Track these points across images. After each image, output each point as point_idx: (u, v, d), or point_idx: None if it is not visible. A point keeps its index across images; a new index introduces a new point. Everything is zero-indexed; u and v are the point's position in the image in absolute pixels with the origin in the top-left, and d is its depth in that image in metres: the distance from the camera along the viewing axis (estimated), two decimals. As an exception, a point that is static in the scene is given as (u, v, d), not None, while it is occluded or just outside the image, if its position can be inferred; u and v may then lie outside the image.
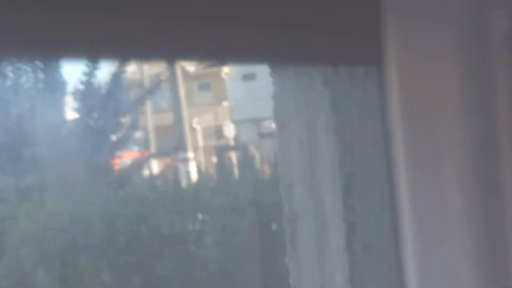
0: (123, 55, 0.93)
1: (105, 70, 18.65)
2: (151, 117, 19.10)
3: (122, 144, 10.25)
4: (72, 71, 21.64)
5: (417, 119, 0.84)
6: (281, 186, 1.32)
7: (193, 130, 19.95)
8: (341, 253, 1.25)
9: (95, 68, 9.69)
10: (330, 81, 1.21)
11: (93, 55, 0.88)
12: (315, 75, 1.22)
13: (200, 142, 21.64)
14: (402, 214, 0.89)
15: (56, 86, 9.59)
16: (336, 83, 1.21)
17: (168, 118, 18.85)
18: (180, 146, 14.26)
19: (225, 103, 23.48)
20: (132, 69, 14.11)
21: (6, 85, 9.44)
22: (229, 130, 19.93)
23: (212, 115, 23.19)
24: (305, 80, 1.22)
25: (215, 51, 0.87)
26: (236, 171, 9.81)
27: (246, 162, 10.39)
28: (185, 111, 15.59)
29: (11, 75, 9.48)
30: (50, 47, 0.73)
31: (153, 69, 17.53)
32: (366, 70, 1.18)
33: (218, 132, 21.65)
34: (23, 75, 9.51)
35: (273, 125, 1.32)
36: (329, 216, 1.26)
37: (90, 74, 9.70)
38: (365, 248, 1.25)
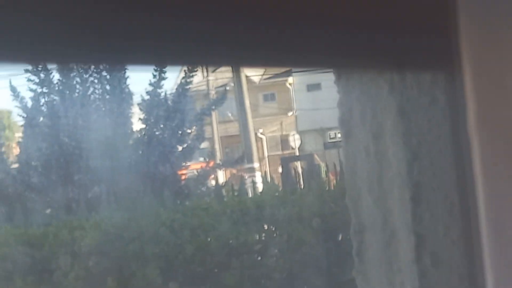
0: (189, 60, 0.92)
1: (171, 81, 18.85)
2: (217, 127, 19.21)
3: (188, 154, 10.31)
4: (138, 82, 21.86)
5: (495, 124, 0.81)
6: (347, 196, 1.28)
7: (258, 140, 20.00)
8: (410, 265, 1.21)
9: (161, 78, 9.78)
10: (396, 88, 1.18)
11: (159, 60, 0.87)
12: (381, 82, 1.19)
13: (266, 152, 21.68)
14: (480, 224, 0.85)
15: (122, 97, 9.70)
16: (403, 90, 1.18)
17: (234, 128, 18.94)
18: (246, 156, 14.30)
19: (290, 113, 23.49)
20: (197, 79, 14.21)
21: (74, 97, 9.59)
22: (295, 140, 19.92)
23: (277, 125, 23.23)
24: (370, 88, 1.19)
25: (281, 57, 0.85)
26: (301, 181, 9.78)
27: (311, 172, 10.35)
28: (250, 121, 15.65)
29: (78, 87, 9.63)
30: (117, 52, 0.73)
31: (218, 80, 17.63)
32: (433, 77, 1.14)
33: (284, 142, 21.66)
34: (90, 86, 9.65)
35: (339, 135, 1.29)
36: (397, 228, 1.22)
37: (156, 85, 9.79)
38: (434, 261, 1.21)
